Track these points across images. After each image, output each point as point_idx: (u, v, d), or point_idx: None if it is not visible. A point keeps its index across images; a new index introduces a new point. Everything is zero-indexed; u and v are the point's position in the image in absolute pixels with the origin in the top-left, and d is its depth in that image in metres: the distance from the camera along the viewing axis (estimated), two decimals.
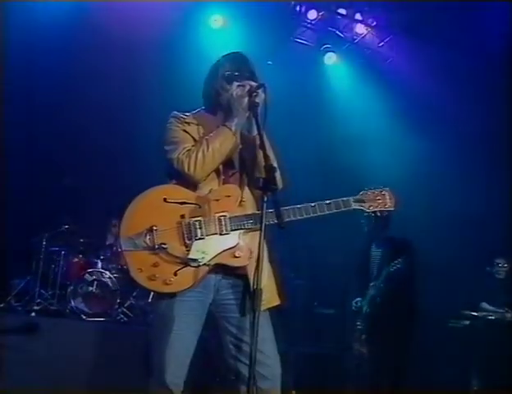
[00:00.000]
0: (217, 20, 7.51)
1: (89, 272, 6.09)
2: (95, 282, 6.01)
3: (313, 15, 7.69)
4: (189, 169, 2.43)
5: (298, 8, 7.65)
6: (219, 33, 7.54)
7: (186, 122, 2.57)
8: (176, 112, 2.62)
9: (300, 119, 7.45)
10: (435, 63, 7.05)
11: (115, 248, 6.36)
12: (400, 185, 6.37)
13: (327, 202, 2.50)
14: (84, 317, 5.79)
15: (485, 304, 5.97)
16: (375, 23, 7.85)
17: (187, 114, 2.62)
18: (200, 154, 2.43)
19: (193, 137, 2.53)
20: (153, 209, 2.43)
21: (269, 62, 7.21)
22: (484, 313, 5.83)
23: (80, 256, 6.38)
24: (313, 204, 2.49)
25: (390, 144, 7.36)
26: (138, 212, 2.44)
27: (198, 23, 7.49)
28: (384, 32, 7.95)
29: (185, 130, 2.54)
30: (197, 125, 2.58)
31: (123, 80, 6.75)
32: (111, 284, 6.03)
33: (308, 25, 7.86)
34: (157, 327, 2.47)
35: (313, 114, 7.63)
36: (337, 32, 7.92)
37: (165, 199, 2.43)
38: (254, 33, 7.33)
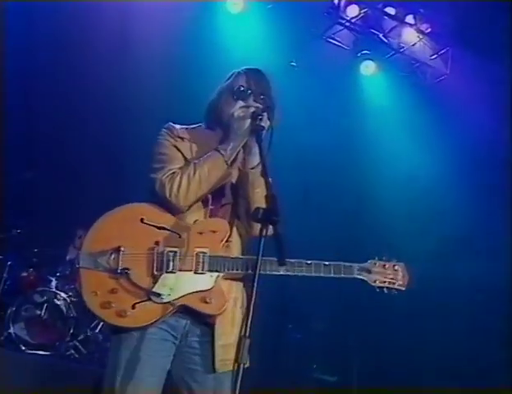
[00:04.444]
0: (236, 3, 7.38)
1: (39, 292, 5.85)
2: (45, 305, 5.77)
3: (353, 11, 7.48)
4: (170, 195, 2.46)
5: (336, 1, 7.44)
6: (237, 19, 7.48)
7: (180, 137, 2.62)
8: (170, 124, 2.68)
9: (323, 134, 7.31)
10: (500, 88, 6.77)
11: (76, 265, 6.08)
12: (436, 201, 7.46)
13: (326, 263, 2.55)
14: (23, 348, 5.55)
15: None
16: (430, 29, 7.64)
17: (183, 127, 2.68)
18: (185, 181, 2.47)
19: (184, 156, 2.59)
20: (126, 228, 2.48)
21: (292, 63, 7.26)
22: None
23: (31, 270, 6.13)
24: (308, 262, 2.53)
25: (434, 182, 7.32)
26: (107, 227, 2.49)
27: (214, 5, 7.44)
28: (440, 42, 7.76)
29: (175, 146, 2.60)
30: (190, 141, 2.64)
31: (133, 71, 6.96)
32: (65, 309, 5.81)
33: (346, 24, 7.68)
34: (113, 369, 2.42)
35: (338, 131, 7.49)
36: (381, 36, 7.74)
37: (142, 220, 2.46)
38: (278, 23, 7.26)
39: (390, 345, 6.84)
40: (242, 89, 2.61)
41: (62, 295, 5.84)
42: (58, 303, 5.79)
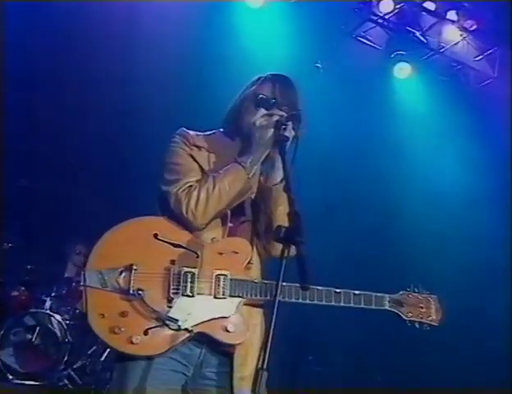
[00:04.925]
0: None
1: (30, 313, 5.79)
2: (37, 328, 5.70)
3: (387, 7, 7.36)
4: (187, 211, 2.45)
5: None
6: (257, 14, 7.43)
7: (196, 145, 2.60)
8: (184, 129, 2.67)
9: (349, 143, 7.30)
10: None
11: (74, 283, 6.13)
12: (472, 221, 7.44)
13: (356, 292, 2.57)
14: (10, 377, 5.47)
15: None
16: (474, 27, 7.44)
17: (199, 134, 2.67)
18: (203, 196, 2.46)
19: (200, 166, 2.57)
20: (138, 244, 2.45)
21: (317, 64, 7.15)
22: None
23: (23, 289, 6.09)
24: (337, 290, 2.55)
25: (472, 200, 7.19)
26: (117, 242, 2.46)
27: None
28: (486, 41, 7.61)
29: (191, 156, 2.58)
30: (207, 150, 2.63)
31: (144, 72, 6.97)
32: (59, 333, 5.72)
33: (379, 21, 7.63)
34: None
35: (367, 140, 7.45)
36: (418, 34, 7.66)
37: (156, 235, 2.44)
38: (302, 19, 7.26)
39: (418, 381, 6.74)
40: (266, 97, 2.62)
41: (57, 317, 5.75)
42: (52, 326, 5.71)
